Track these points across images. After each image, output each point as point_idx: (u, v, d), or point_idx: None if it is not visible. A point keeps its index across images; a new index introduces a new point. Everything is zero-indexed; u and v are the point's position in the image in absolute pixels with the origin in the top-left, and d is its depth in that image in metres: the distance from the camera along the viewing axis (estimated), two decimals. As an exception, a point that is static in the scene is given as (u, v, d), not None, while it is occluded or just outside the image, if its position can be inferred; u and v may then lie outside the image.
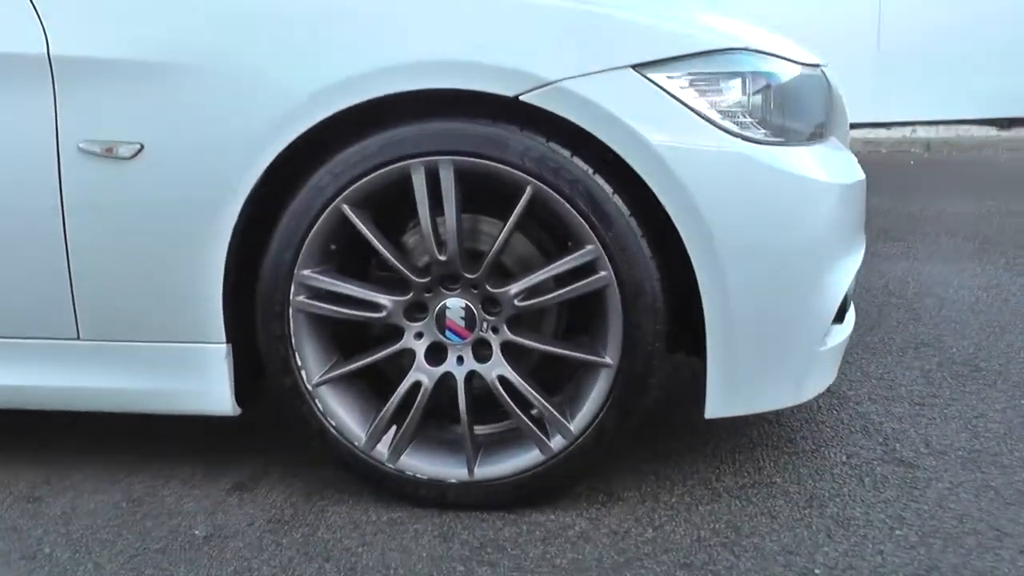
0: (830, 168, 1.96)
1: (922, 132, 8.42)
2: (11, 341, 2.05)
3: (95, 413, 2.40)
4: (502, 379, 1.91)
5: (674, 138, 1.78)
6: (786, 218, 1.86)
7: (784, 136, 1.89)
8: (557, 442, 1.92)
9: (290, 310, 1.92)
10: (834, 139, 2.11)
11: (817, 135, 2.00)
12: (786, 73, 1.94)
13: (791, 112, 1.94)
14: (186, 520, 1.99)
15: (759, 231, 1.83)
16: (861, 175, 2.07)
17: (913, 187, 6.30)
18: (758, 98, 1.89)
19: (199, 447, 2.34)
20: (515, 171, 1.81)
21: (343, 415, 1.97)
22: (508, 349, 1.92)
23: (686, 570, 1.75)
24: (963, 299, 3.46)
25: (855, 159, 2.14)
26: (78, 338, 2.02)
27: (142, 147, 1.87)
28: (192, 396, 2.01)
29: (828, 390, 2.54)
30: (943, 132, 8.41)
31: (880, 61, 8.54)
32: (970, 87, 8.40)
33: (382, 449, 1.97)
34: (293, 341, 1.93)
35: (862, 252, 2.17)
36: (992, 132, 8.42)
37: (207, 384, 1.99)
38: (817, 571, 1.74)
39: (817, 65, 2.08)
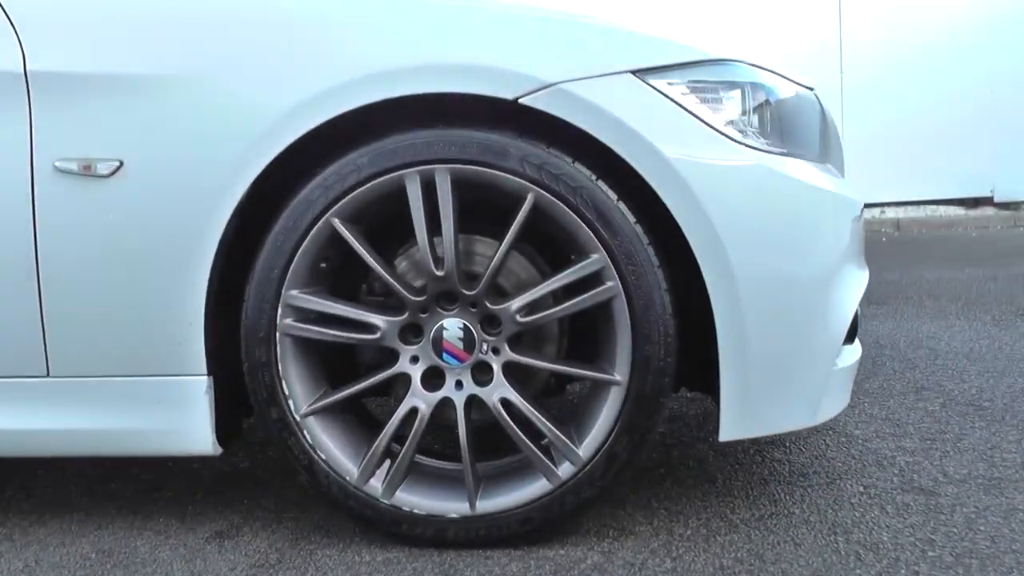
0: (835, 183, 1.91)
1: (891, 212, 8.51)
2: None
3: (60, 464, 2.26)
4: (505, 402, 1.79)
5: (678, 141, 1.73)
6: (796, 226, 1.80)
7: (786, 150, 1.84)
8: (565, 469, 1.79)
9: (276, 334, 1.80)
10: (830, 166, 2.06)
11: (818, 156, 1.94)
12: (784, 90, 1.91)
13: (789, 128, 1.89)
14: (161, 568, 1.83)
15: (769, 238, 1.76)
16: (858, 199, 2.02)
17: (888, 259, 6.31)
18: (758, 110, 1.85)
19: (175, 496, 2.19)
20: (515, 178, 1.73)
21: (333, 448, 1.83)
22: (510, 371, 1.81)
23: (711, 597, 1.62)
24: (956, 350, 3.40)
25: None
26: (48, 375, 1.87)
27: (121, 164, 1.78)
28: (171, 436, 1.87)
29: (834, 429, 2.45)
30: (912, 212, 8.51)
31: (845, 145, 8.67)
32: (936, 169, 8.54)
33: (376, 484, 1.83)
34: (280, 368, 1.81)
35: (867, 276, 2.11)
36: (960, 211, 8.53)
37: (187, 422, 1.85)
38: (852, 593, 1.61)
39: (811, 88, 2.05)
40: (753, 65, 1.88)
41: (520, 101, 1.71)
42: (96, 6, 1.83)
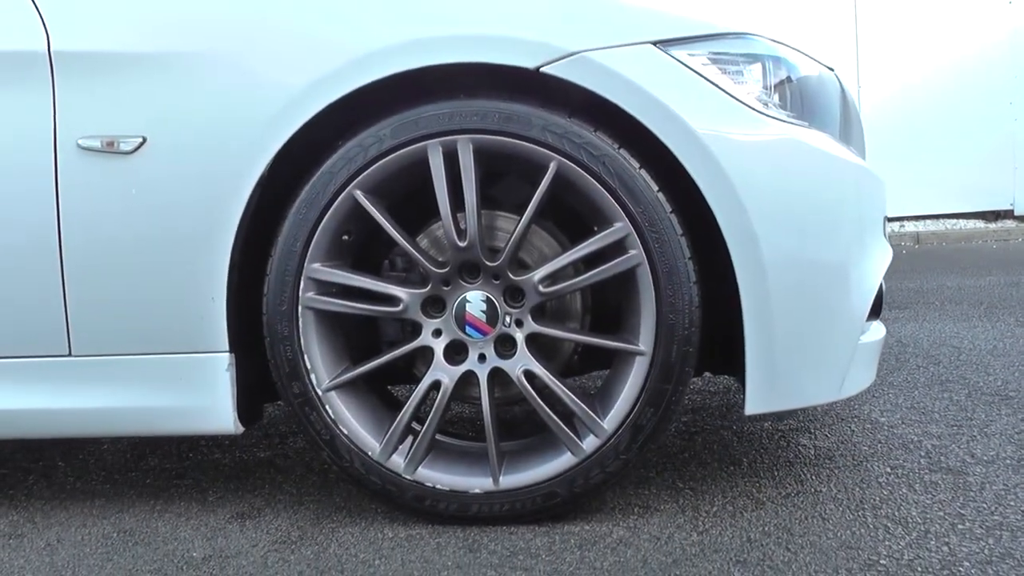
0: (857, 156, 1.90)
1: (910, 226, 8.47)
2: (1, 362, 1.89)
3: (80, 454, 2.25)
4: (528, 374, 1.78)
5: (701, 111, 1.72)
6: (820, 195, 1.79)
7: (807, 122, 1.83)
8: (590, 442, 1.77)
9: (299, 308, 1.79)
10: (852, 149, 2.05)
11: (838, 133, 1.93)
12: (805, 68, 1.90)
13: (811, 105, 1.89)
14: (182, 545, 1.82)
15: (793, 208, 1.75)
16: (883, 178, 2.00)
17: (909, 269, 6.27)
18: (779, 84, 1.84)
19: (196, 483, 2.18)
20: (538, 147, 1.72)
21: (355, 423, 1.82)
22: (533, 343, 1.79)
23: (741, 567, 1.59)
24: (980, 347, 3.36)
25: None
26: (69, 354, 1.87)
27: (144, 140, 1.78)
28: (192, 414, 1.86)
29: (859, 416, 2.43)
30: (931, 226, 8.46)
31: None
32: (956, 182, 8.50)
33: (398, 459, 1.81)
34: (302, 342, 1.80)
35: (890, 254, 2.09)
36: (980, 224, 8.48)
37: (208, 399, 1.84)
38: (883, 562, 1.58)
39: (832, 69, 2.04)
40: (774, 41, 1.88)
41: (542, 70, 1.70)
42: None
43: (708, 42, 1.79)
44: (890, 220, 8.60)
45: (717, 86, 1.75)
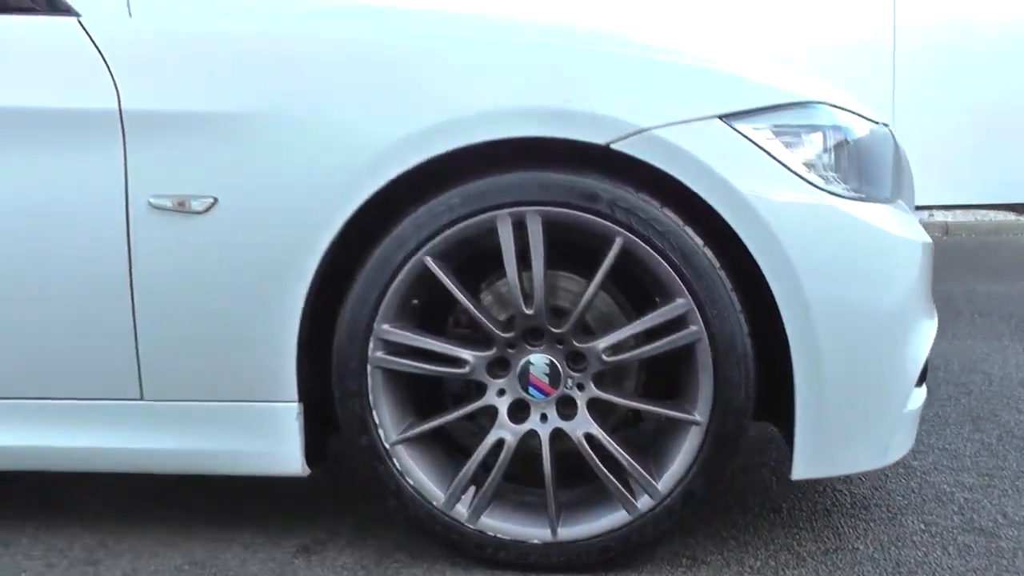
0: (909, 227, 1.96)
1: (940, 216, 8.47)
2: (72, 402, 1.98)
3: (139, 479, 2.34)
4: (588, 437, 1.86)
5: (764, 188, 1.78)
6: (875, 274, 1.85)
7: (863, 193, 1.89)
8: (644, 502, 1.86)
9: (368, 366, 1.87)
10: (901, 202, 2.10)
11: (891, 195, 1.98)
12: (860, 129, 1.95)
13: (867, 169, 1.94)
14: (254, 582, 1.93)
15: (849, 286, 1.81)
16: (929, 239, 2.06)
17: (938, 267, 6.28)
18: (837, 153, 1.89)
19: (259, 509, 2.28)
20: (605, 222, 1.79)
21: (420, 474, 1.91)
22: (593, 406, 1.88)
23: (784, 635, 1.68)
24: (1011, 376, 3.42)
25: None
26: (141, 398, 1.96)
27: (216, 201, 1.84)
28: (261, 457, 1.95)
29: (895, 459, 2.49)
30: (960, 216, 8.46)
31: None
32: (987, 172, 8.48)
33: (462, 509, 1.91)
34: (371, 398, 1.89)
35: (936, 322, 2.15)
36: (1011, 217, 8.47)
37: (277, 445, 1.93)
38: (921, 637, 1.67)
39: (886, 124, 2.09)
40: (834, 106, 1.93)
41: (612, 147, 1.77)
42: (188, 46, 1.89)
43: (772, 114, 1.84)
44: (919, 208, 8.62)
45: (779, 161, 1.80)
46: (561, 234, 1.84)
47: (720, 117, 1.79)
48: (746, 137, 1.80)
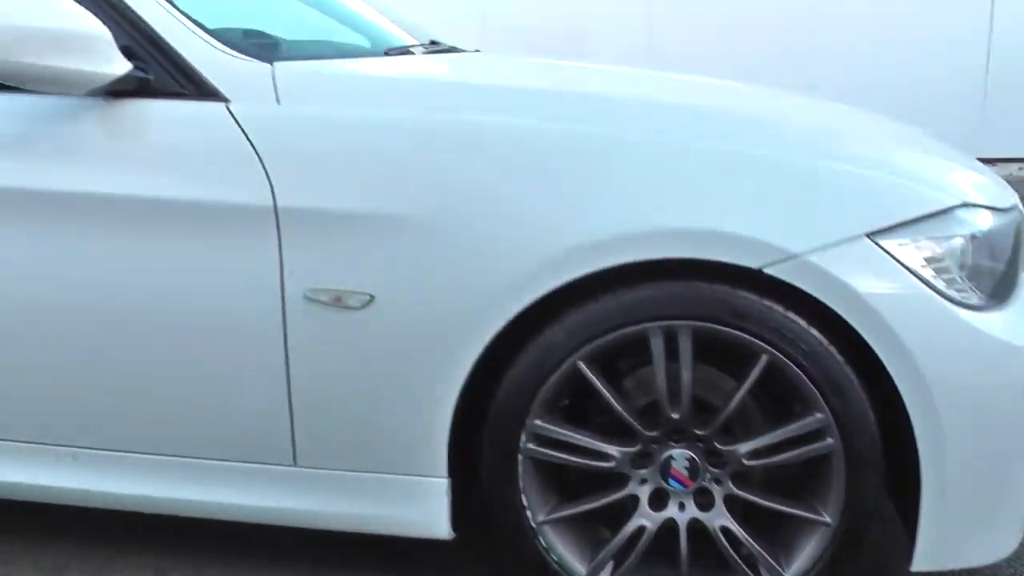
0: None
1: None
2: (231, 464, 2.13)
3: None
4: (724, 530, 1.99)
5: (906, 310, 1.83)
6: (1008, 391, 1.90)
7: (998, 296, 1.94)
8: (772, 590, 2.00)
9: (519, 456, 2.00)
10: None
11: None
12: (998, 222, 1.99)
13: (1000, 264, 1.98)
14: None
15: (983, 406, 1.88)
16: None
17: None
18: (976, 258, 1.93)
19: (345, 552, 2.42)
20: (753, 340, 1.87)
21: (563, 551, 2.06)
22: (729, 500, 2.00)
23: None
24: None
25: None
26: (295, 464, 2.10)
27: (372, 298, 1.93)
28: (408, 522, 2.09)
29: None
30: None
31: (988, 93, 8.40)
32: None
33: (602, 583, 2.06)
34: (520, 484, 2.02)
35: None
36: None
37: (425, 514, 2.07)
38: None
39: (1015, 206, 2.11)
40: (974, 205, 1.96)
41: (764, 271, 1.84)
42: (345, 144, 1.96)
43: (916, 226, 1.88)
44: (1008, 161, 8.41)
45: (920, 278, 1.85)
46: (707, 343, 1.92)
47: (868, 235, 1.85)
48: (891, 255, 1.85)
